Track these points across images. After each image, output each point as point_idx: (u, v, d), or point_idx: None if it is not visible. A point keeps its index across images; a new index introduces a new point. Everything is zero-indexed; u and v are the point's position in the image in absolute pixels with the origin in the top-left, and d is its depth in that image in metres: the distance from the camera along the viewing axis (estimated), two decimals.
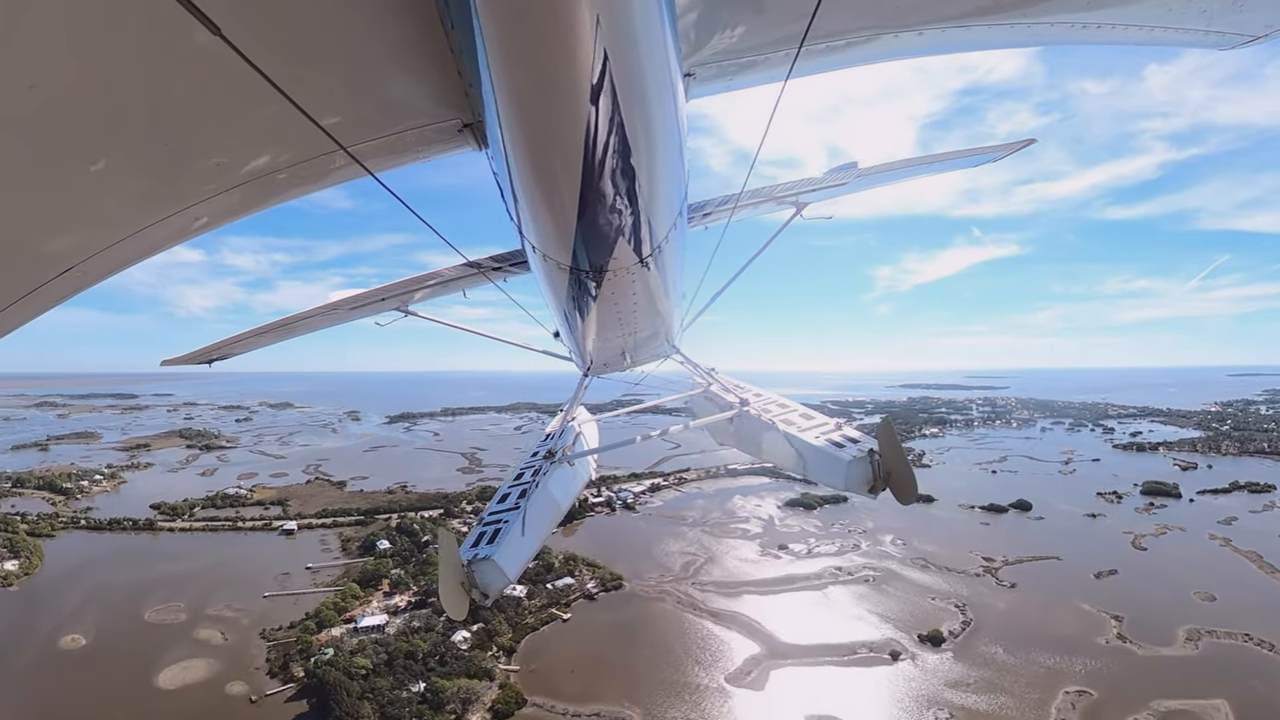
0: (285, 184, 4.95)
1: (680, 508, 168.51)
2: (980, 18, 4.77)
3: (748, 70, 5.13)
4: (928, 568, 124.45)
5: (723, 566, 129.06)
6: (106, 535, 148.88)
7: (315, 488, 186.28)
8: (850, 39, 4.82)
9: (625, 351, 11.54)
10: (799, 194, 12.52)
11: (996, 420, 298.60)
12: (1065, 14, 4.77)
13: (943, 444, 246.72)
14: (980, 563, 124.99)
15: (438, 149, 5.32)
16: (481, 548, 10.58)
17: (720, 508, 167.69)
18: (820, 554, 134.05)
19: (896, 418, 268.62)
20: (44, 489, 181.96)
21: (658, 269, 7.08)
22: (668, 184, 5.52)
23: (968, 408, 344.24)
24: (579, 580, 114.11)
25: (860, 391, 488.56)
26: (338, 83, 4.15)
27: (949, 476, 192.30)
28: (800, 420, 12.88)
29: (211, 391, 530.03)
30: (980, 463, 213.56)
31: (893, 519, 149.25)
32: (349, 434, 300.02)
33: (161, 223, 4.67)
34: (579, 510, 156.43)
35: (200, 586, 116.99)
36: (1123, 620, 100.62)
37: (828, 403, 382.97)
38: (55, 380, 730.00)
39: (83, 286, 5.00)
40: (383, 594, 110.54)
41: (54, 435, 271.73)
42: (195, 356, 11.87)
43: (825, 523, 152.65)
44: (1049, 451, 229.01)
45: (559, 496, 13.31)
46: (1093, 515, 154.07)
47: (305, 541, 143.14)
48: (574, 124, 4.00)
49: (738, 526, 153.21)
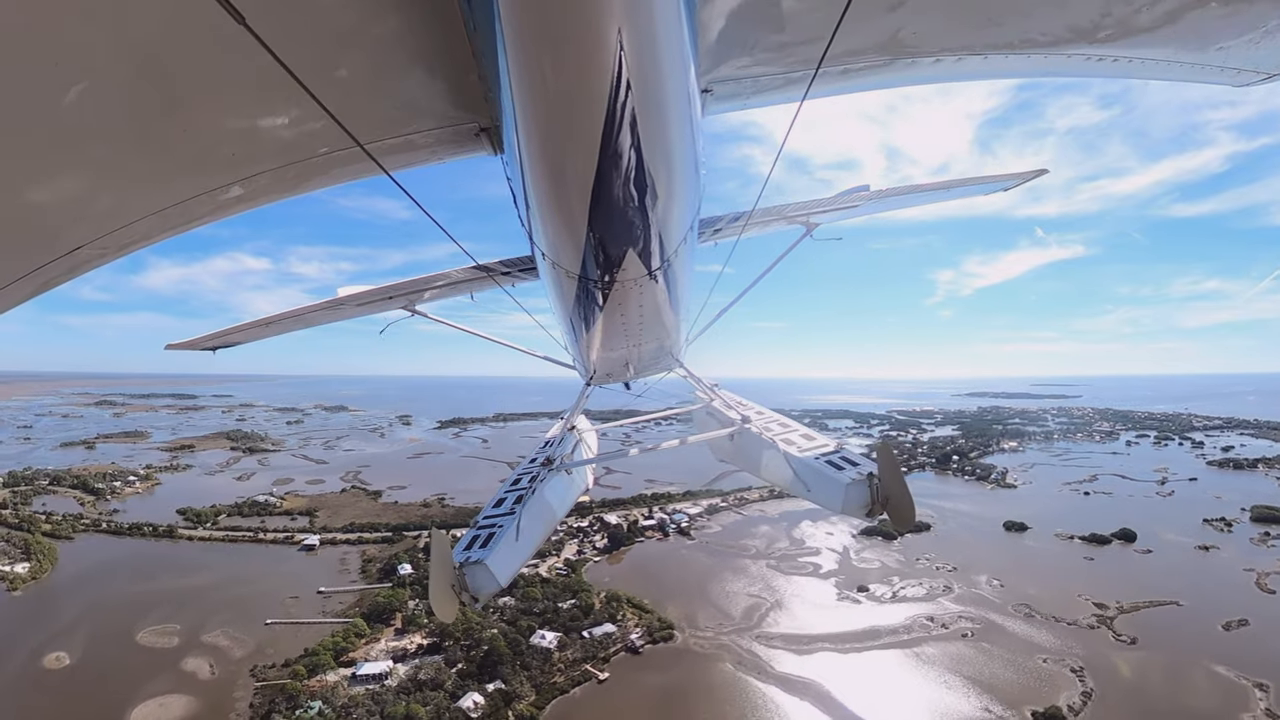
0: (299, 177, 4.96)
1: (741, 534, 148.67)
2: (998, 49, 4.79)
3: (765, 90, 5.17)
4: (1032, 617, 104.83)
5: (792, 614, 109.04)
6: (125, 540, 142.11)
7: (349, 497, 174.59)
8: (868, 63, 4.84)
9: (629, 363, 11.72)
10: (809, 214, 12.70)
11: (1077, 433, 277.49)
12: (1083, 48, 4.74)
13: (1024, 459, 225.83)
14: (1091, 610, 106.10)
15: (454, 151, 5.30)
16: (475, 551, 10.27)
17: (787, 535, 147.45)
18: (906, 597, 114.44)
19: (971, 430, 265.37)
20: (77, 488, 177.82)
21: (666, 282, 7.15)
22: (680, 198, 5.41)
23: (1043, 419, 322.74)
24: (622, 628, 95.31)
25: (926, 400, 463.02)
26: (359, 79, 4.15)
27: (1039, 499, 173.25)
28: (800, 440, 12.60)
29: (270, 393, 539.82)
30: (1070, 482, 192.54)
31: (984, 551, 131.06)
32: (396, 439, 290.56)
33: (173, 208, 4.74)
34: (627, 535, 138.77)
35: (203, 606, 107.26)
36: (1269, 690, 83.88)
37: (894, 412, 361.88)
38: (121, 380, 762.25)
39: (95, 264, 5.11)
40: (394, 631, 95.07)
41: (104, 433, 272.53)
42: (200, 342, 11.63)
43: (908, 556, 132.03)
44: (1140, 469, 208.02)
45: (555, 505, 13.13)
46: (1204, 548, 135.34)
47: (324, 559, 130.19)
48: (590, 133, 3.95)
49: (808, 560, 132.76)
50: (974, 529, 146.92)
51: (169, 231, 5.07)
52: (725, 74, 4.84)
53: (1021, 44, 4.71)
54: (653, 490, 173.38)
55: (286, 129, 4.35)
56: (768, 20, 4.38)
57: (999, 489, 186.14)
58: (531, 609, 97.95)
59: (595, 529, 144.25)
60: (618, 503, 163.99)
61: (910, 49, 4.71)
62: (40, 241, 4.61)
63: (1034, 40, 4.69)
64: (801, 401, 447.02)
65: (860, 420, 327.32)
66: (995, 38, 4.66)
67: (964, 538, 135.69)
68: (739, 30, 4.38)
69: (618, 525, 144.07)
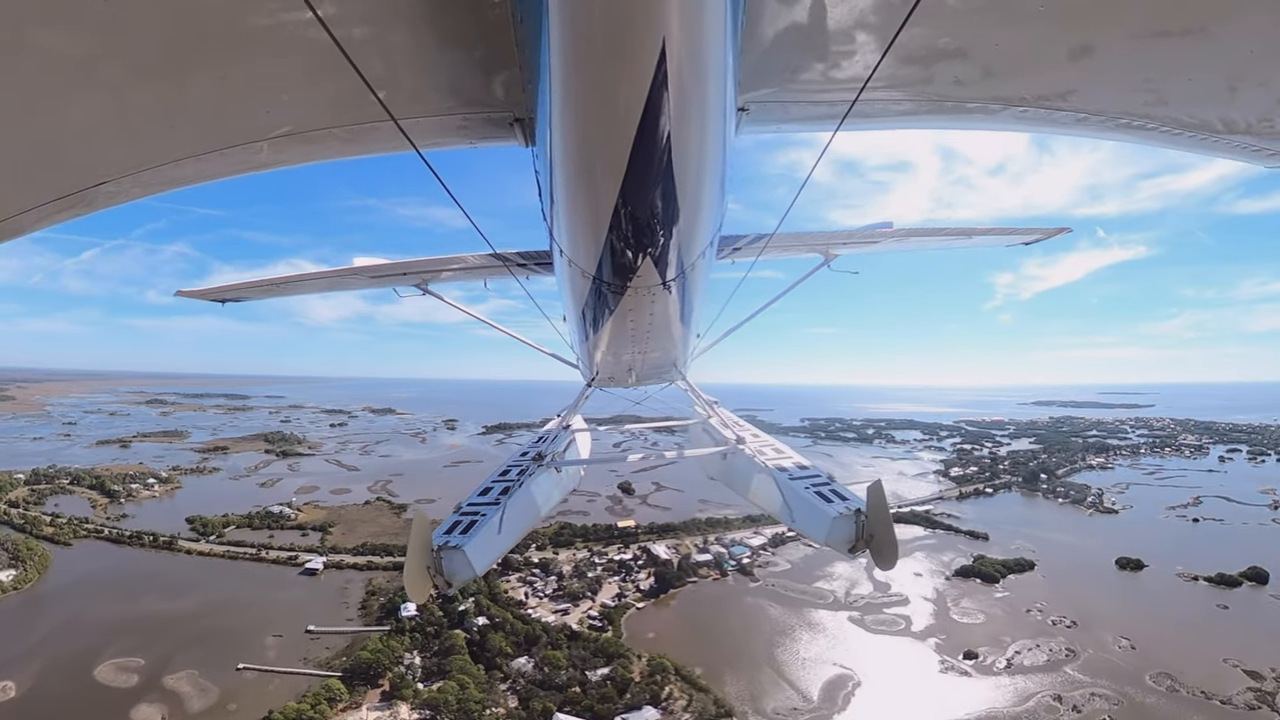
0: (329, 143, 4.93)
1: (813, 573, 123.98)
2: (1035, 104, 4.84)
3: (801, 116, 5.19)
4: (1176, 691, 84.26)
5: (887, 692, 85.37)
6: (123, 550, 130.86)
7: (370, 511, 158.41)
8: (907, 103, 4.94)
9: (632, 369, 11.89)
10: (830, 244, 12.98)
11: (1164, 447, 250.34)
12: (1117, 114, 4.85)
13: (1115, 478, 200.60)
14: (1245, 681, 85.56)
15: (486, 138, 5.27)
16: (454, 536, 10.03)
17: (868, 575, 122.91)
18: (1024, 666, 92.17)
19: (1050, 443, 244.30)
20: (95, 489, 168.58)
21: (679, 293, 7.12)
22: (704, 211, 5.35)
23: (1123, 431, 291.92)
24: (668, 714, 72.74)
25: (992, 409, 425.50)
26: (400, 53, 4.15)
27: (1144, 527, 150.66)
28: (792, 468, 12.55)
29: (323, 394, 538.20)
30: (1173, 506, 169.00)
31: (1101, 598, 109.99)
32: (437, 445, 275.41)
33: (200, 156, 4.72)
34: (677, 573, 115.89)
35: (177, 637, 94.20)
36: None
37: (962, 423, 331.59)
38: (179, 379, 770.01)
39: (113, 201, 5.06)
40: (379, 696, 75.68)
41: (143, 432, 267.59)
42: (211, 293, 11.70)
43: (1015, 606, 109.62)
44: (1243, 490, 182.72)
45: (540, 501, 12.98)
46: None
47: (325, 586, 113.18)
48: (623, 136, 3.93)
49: (897, 612, 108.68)
50: (1083, 566, 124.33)
51: (192, 180, 5.07)
52: (763, 95, 4.86)
53: (1058, 99, 4.73)
54: (707, 514, 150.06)
55: (323, 93, 4.37)
56: (813, 47, 4.39)
57: (1098, 514, 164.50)
58: (552, 679, 76.63)
59: (640, 564, 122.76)
60: (667, 529, 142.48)
61: (950, 94, 4.77)
62: (68, 171, 4.59)
63: (1079, 104, 4.75)
64: (861, 410, 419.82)
65: (928, 432, 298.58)
66: (1036, 93, 4.69)
67: (1075, 579, 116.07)
68: (783, 53, 4.40)
69: (666, 561, 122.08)
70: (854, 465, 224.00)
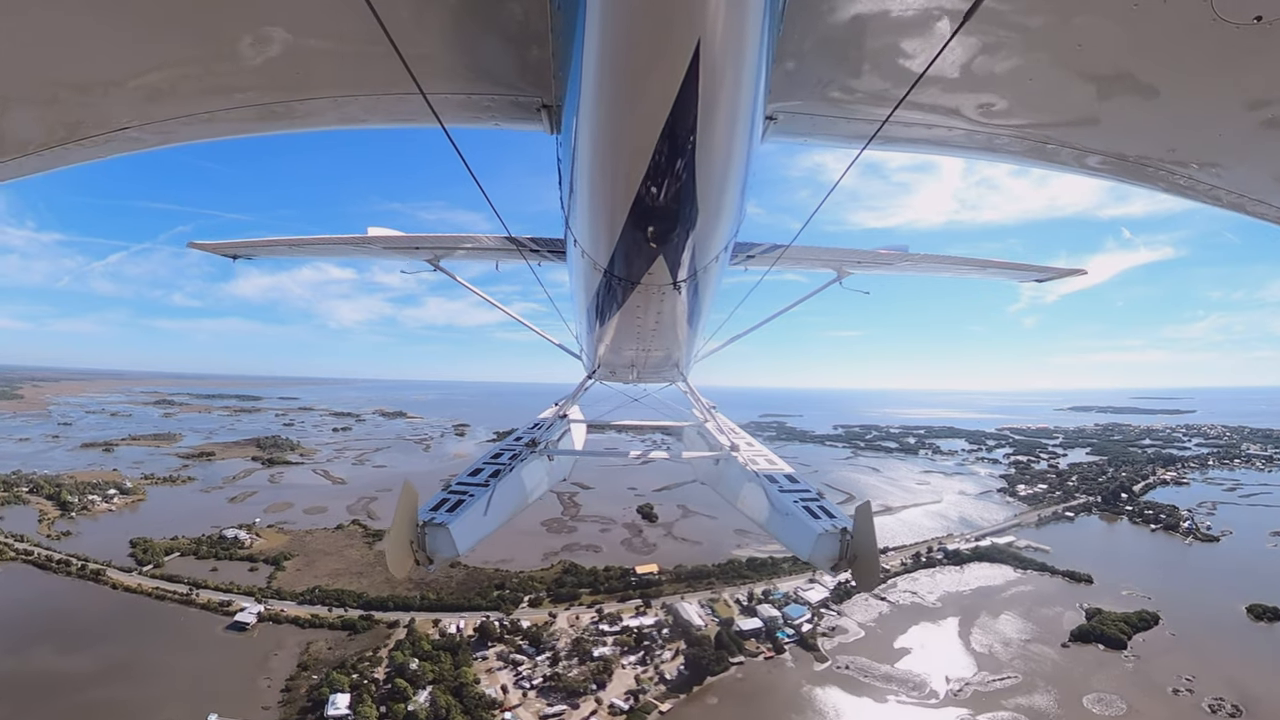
0: (356, 111, 4.97)
1: (893, 642, 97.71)
2: (1060, 142, 4.89)
3: (828, 130, 5.16)
4: None
5: None
6: (45, 578, 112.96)
7: (339, 539, 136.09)
8: (936, 127, 4.93)
9: (634, 365, 12.05)
10: (843, 261, 12.92)
11: (1231, 459, 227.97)
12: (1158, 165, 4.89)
13: (1194, 495, 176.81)
14: None
15: (511, 121, 5.22)
16: (440, 514, 9.85)
17: (963, 643, 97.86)
18: None
19: (1111, 454, 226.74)
20: (50, 499, 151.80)
21: (688, 295, 7.05)
22: (722, 215, 5.29)
23: (1179, 440, 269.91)
24: None
25: (1027, 415, 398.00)
26: (435, 29, 4.18)
27: (1255, 559, 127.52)
28: (783, 480, 12.29)
29: (337, 397, 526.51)
30: (1277, 531, 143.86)
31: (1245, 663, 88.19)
32: (441, 453, 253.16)
33: (225, 111, 4.75)
34: (714, 655, 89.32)
35: (48, 714, 74.31)
36: None
37: (1005, 430, 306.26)
38: (197, 380, 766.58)
39: (132, 148, 5.05)
40: None
41: (133, 435, 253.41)
42: (222, 247, 11.78)
43: (1155, 682, 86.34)
44: None
45: (529, 487, 12.84)
46: None
47: (253, 649, 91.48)
48: (649, 133, 3.92)
49: (1019, 703, 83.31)
50: (1212, 619, 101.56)
51: (214, 134, 5.03)
52: (793, 106, 4.86)
53: (1084, 138, 4.74)
54: (746, 552, 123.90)
55: (356, 60, 4.37)
56: (847, 64, 4.41)
57: (1197, 543, 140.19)
58: None
59: (665, 635, 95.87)
60: (699, 576, 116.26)
61: (979, 124, 4.75)
62: (91, 111, 4.58)
63: (1103, 145, 4.77)
64: (892, 416, 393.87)
65: (975, 441, 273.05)
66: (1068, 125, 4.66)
67: (1210, 637, 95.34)
68: (816, 67, 4.41)
69: (701, 633, 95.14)
70: (906, 482, 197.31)
